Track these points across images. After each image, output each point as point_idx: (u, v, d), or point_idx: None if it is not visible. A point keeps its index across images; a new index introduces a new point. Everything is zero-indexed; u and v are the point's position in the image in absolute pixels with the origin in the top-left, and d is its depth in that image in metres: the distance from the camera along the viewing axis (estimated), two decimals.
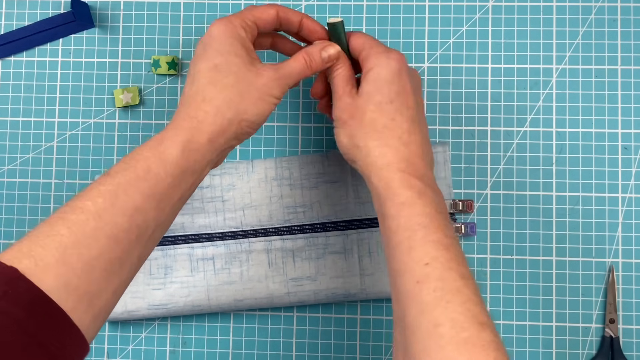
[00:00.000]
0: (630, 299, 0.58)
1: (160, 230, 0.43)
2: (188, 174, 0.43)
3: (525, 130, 0.59)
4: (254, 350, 0.59)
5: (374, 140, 0.45)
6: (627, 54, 0.59)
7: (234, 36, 0.45)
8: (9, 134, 0.62)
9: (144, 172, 0.41)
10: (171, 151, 0.42)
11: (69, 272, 0.37)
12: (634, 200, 0.58)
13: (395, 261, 0.42)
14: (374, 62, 0.46)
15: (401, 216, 0.43)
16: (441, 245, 0.41)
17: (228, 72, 0.45)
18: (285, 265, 0.58)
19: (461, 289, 0.40)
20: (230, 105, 0.44)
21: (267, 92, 0.45)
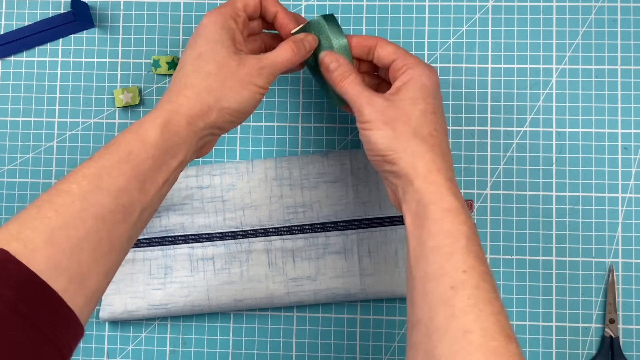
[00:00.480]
0: (630, 299, 0.58)
1: (148, 212, 0.43)
2: (169, 156, 0.43)
3: (525, 130, 0.59)
4: (254, 350, 0.59)
5: (423, 146, 0.45)
6: (627, 54, 0.59)
7: (223, 27, 0.47)
8: (9, 134, 0.62)
9: (125, 154, 0.42)
10: (151, 133, 0.43)
11: (58, 253, 0.37)
12: (634, 200, 0.58)
13: (429, 263, 0.42)
14: (417, 72, 0.47)
15: (445, 222, 0.43)
16: (479, 257, 0.42)
17: (211, 60, 0.46)
18: (285, 265, 0.58)
19: (493, 301, 0.40)
20: (211, 91, 0.45)
21: (249, 80, 0.46)
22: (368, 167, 0.58)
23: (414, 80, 0.47)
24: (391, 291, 0.57)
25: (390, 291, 0.57)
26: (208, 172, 0.58)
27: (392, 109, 0.46)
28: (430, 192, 0.44)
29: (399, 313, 0.59)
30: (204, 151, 0.49)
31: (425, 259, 0.43)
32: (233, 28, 0.48)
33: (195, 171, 0.58)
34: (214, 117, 0.45)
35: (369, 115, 0.47)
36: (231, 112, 0.46)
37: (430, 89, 0.47)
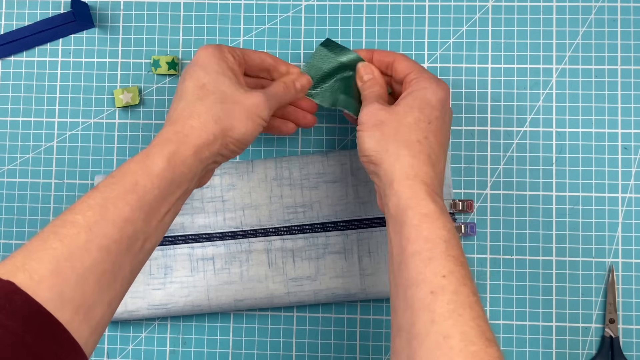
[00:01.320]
0: (630, 299, 0.58)
1: (150, 242, 0.43)
2: (174, 186, 0.44)
3: (525, 130, 0.59)
4: (254, 350, 0.59)
5: (405, 150, 0.46)
6: (627, 54, 0.59)
7: (222, 58, 0.48)
8: (9, 134, 0.62)
9: (131, 185, 0.42)
10: (157, 163, 0.43)
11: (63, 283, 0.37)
12: (634, 200, 0.58)
13: (408, 269, 0.42)
14: (423, 85, 0.49)
15: (423, 227, 0.43)
16: (458, 261, 0.42)
17: (216, 89, 0.47)
18: (285, 265, 0.58)
19: (473, 305, 0.40)
20: (217, 121, 0.45)
21: (256, 112, 0.47)
22: None
23: (417, 92, 0.49)
24: None
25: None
26: None
27: (384, 113, 0.48)
28: (408, 196, 0.44)
29: None
30: (204, 180, 0.49)
31: (406, 265, 0.43)
32: (231, 61, 0.49)
33: None
34: (218, 147, 0.45)
35: (362, 117, 0.49)
36: (234, 142, 0.46)
37: (431, 102, 0.48)
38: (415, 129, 0.47)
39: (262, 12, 0.61)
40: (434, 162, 0.46)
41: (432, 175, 0.46)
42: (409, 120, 0.47)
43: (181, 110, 0.46)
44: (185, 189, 0.45)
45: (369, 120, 0.48)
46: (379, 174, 0.47)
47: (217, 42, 0.61)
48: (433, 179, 0.46)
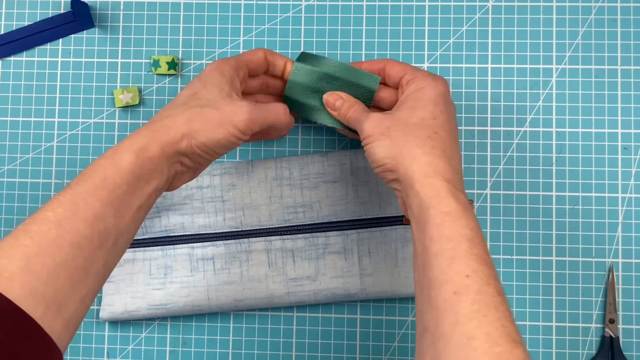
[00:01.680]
0: (630, 299, 0.58)
1: (123, 238, 0.43)
2: (143, 182, 0.44)
3: (525, 130, 0.59)
4: (254, 350, 0.59)
5: (419, 149, 0.46)
6: (627, 54, 0.59)
7: (222, 72, 0.49)
8: (9, 134, 0.62)
9: (100, 181, 0.42)
10: (125, 158, 0.43)
11: (34, 279, 0.37)
12: (634, 200, 0.58)
13: (432, 269, 0.42)
14: (421, 84, 0.49)
15: (445, 226, 0.43)
16: (482, 260, 0.42)
17: (203, 97, 0.47)
18: (285, 265, 0.58)
19: (498, 305, 0.40)
20: (188, 122, 0.46)
21: (232, 121, 0.46)
22: (368, 167, 0.58)
23: (416, 93, 0.49)
24: (391, 291, 0.57)
25: (390, 291, 0.57)
26: (208, 172, 0.58)
27: (388, 120, 0.48)
28: (429, 196, 0.44)
29: (399, 313, 0.59)
30: (174, 184, 0.48)
31: (429, 264, 0.42)
32: (232, 74, 0.49)
33: None
34: (184, 146, 0.45)
35: (367, 129, 0.48)
36: (200, 145, 0.46)
37: (432, 97, 0.48)
38: (423, 126, 0.47)
39: (262, 12, 0.61)
40: (449, 156, 0.46)
41: (451, 170, 0.45)
42: (414, 121, 0.47)
43: (163, 111, 0.47)
44: (155, 187, 0.45)
45: (375, 129, 0.48)
46: (398, 179, 0.47)
47: (217, 42, 0.61)
48: (452, 174, 0.45)
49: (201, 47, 0.61)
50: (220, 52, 0.61)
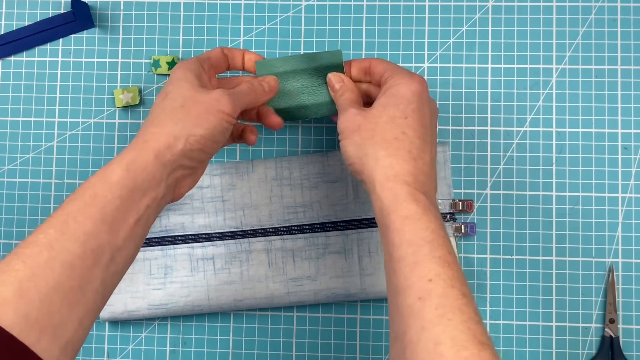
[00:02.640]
0: (630, 299, 0.58)
1: (122, 254, 0.42)
2: (138, 194, 0.42)
3: (525, 130, 0.59)
4: (254, 350, 0.59)
5: (383, 150, 0.45)
6: (627, 54, 0.59)
7: (188, 68, 0.48)
8: (9, 134, 0.62)
9: (90, 197, 0.41)
10: (115, 172, 0.42)
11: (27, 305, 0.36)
12: (634, 200, 0.58)
13: (396, 276, 0.42)
14: (397, 81, 0.48)
15: (405, 230, 0.42)
16: (445, 262, 0.41)
17: (177, 95, 0.46)
18: (285, 265, 0.58)
19: (462, 307, 0.39)
20: (177, 122, 0.45)
21: (216, 106, 0.46)
22: None
23: (391, 89, 0.48)
24: None
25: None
26: (208, 172, 0.58)
27: (360, 117, 0.47)
28: (389, 200, 0.44)
29: None
30: (178, 191, 0.47)
31: (394, 271, 0.42)
32: (198, 69, 0.49)
33: None
34: (182, 146, 0.44)
35: (340, 125, 0.48)
36: (199, 139, 0.45)
37: (405, 95, 0.47)
38: (392, 126, 0.46)
39: (262, 12, 0.61)
40: (415, 157, 0.45)
41: (414, 172, 0.45)
42: (384, 119, 0.46)
43: (146, 121, 0.46)
44: (154, 197, 0.43)
45: (347, 126, 0.48)
46: (363, 180, 0.47)
47: (217, 42, 0.61)
48: (416, 175, 0.45)
49: (201, 47, 0.61)
50: None
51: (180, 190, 0.47)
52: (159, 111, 0.46)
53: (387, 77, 0.49)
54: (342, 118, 0.49)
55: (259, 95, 0.51)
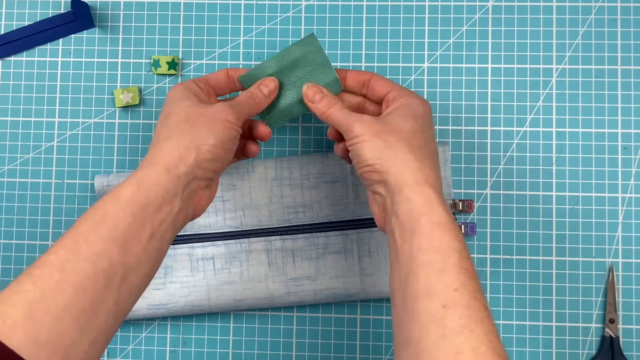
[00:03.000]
0: (630, 299, 0.58)
1: (136, 274, 0.42)
2: (152, 210, 0.42)
3: (525, 130, 0.59)
4: (254, 350, 0.59)
5: (412, 155, 0.45)
6: (627, 54, 0.59)
7: (185, 87, 0.49)
8: (9, 134, 0.62)
9: (101, 217, 0.41)
10: (126, 190, 0.42)
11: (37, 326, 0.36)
12: (634, 200, 0.58)
13: (418, 280, 0.41)
14: (409, 100, 0.49)
15: (435, 237, 0.42)
16: (470, 273, 0.41)
17: (180, 112, 0.46)
18: (285, 265, 0.58)
19: (484, 320, 0.40)
20: (184, 134, 0.45)
21: (221, 116, 0.46)
22: None
23: (406, 105, 0.48)
24: None
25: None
26: None
27: (380, 124, 0.47)
28: (419, 204, 0.43)
29: None
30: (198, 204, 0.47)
31: (415, 275, 0.42)
32: (196, 88, 0.49)
33: None
34: (194, 157, 0.44)
35: (358, 129, 0.47)
36: (210, 148, 0.45)
37: (421, 114, 0.48)
38: (415, 137, 0.46)
39: (262, 12, 0.61)
40: (434, 166, 0.46)
41: (439, 183, 0.45)
42: (407, 129, 0.47)
43: (152, 143, 0.46)
44: (168, 212, 0.43)
45: (367, 130, 0.47)
46: (386, 181, 0.45)
47: (217, 42, 0.61)
48: (440, 186, 0.45)
49: (201, 47, 0.61)
50: (220, 52, 0.61)
51: (199, 204, 0.47)
52: (164, 128, 0.46)
53: (396, 96, 0.50)
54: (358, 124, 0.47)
55: (259, 101, 0.51)
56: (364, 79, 0.52)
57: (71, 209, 0.61)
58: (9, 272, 0.61)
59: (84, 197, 0.61)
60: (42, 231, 0.61)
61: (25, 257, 0.61)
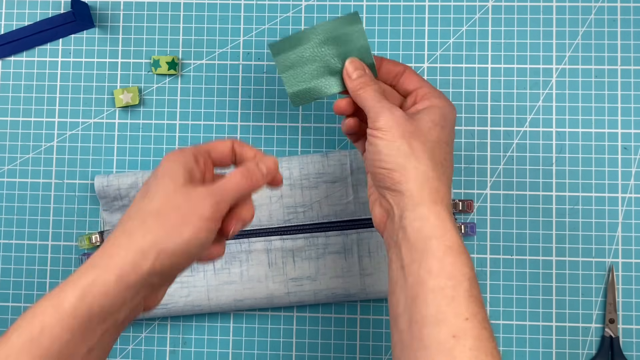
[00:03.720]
0: (630, 299, 0.58)
1: None
2: (94, 323, 0.37)
3: (525, 130, 0.59)
4: (254, 350, 0.59)
5: (433, 172, 0.43)
6: (627, 54, 0.59)
7: (179, 161, 0.41)
8: (9, 134, 0.62)
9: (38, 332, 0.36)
10: (69, 299, 0.37)
11: None
12: (634, 200, 0.58)
13: (427, 305, 0.40)
14: (440, 102, 0.46)
15: (447, 261, 0.40)
16: (479, 302, 0.40)
17: (156, 196, 0.40)
18: (285, 265, 0.58)
19: (493, 351, 0.39)
20: (147, 234, 0.38)
21: (194, 211, 0.39)
22: None
23: (437, 108, 0.46)
24: None
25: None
26: None
27: (411, 124, 0.44)
28: (433, 224, 0.41)
29: None
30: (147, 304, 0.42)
31: (424, 300, 0.40)
32: (190, 162, 0.42)
33: None
34: (150, 264, 0.38)
35: (386, 122, 0.44)
36: (170, 255, 0.38)
37: (449, 120, 0.46)
38: (439, 148, 0.44)
39: (262, 12, 0.61)
40: (449, 185, 0.44)
41: (451, 202, 0.44)
42: (434, 138, 0.44)
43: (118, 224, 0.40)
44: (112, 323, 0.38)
45: (395, 127, 0.44)
46: (400, 191, 0.43)
47: (217, 42, 0.61)
48: (450, 204, 0.44)
49: (201, 47, 0.61)
50: (220, 52, 0.61)
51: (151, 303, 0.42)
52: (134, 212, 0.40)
53: (427, 93, 0.47)
54: (388, 115, 0.44)
55: (255, 181, 0.43)
56: (398, 71, 0.49)
57: (71, 209, 0.61)
58: (9, 272, 0.61)
59: (84, 197, 0.61)
60: (42, 231, 0.61)
61: (25, 257, 0.61)
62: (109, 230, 0.59)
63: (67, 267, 0.60)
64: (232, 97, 0.61)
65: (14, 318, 0.60)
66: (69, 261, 0.61)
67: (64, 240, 0.61)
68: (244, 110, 0.61)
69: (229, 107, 0.61)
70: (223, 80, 0.61)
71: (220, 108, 0.61)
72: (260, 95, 0.61)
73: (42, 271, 0.61)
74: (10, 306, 0.61)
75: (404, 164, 0.43)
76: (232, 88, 0.61)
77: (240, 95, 0.61)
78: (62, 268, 0.61)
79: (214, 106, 0.61)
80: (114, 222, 0.59)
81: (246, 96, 0.61)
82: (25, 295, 0.61)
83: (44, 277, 0.61)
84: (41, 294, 0.60)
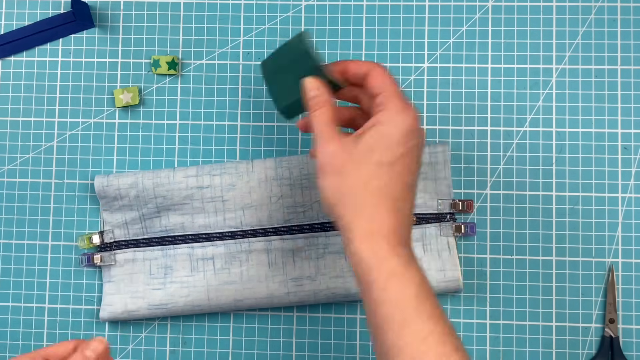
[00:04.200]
0: (630, 299, 0.58)
1: None
2: None
3: (525, 130, 0.59)
4: (254, 350, 0.59)
5: (366, 201, 0.43)
6: (627, 54, 0.59)
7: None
8: (9, 134, 0.62)
9: None
10: None
11: None
12: (634, 200, 0.58)
13: (385, 334, 0.41)
14: (387, 117, 0.44)
15: (390, 288, 0.41)
16: (434, 317, 0.41)
17: None
18: (285, 265, 0.58)
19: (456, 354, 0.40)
20: None
21: None
22: None
23: (379, 126, 0.44)
24: None
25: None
26: (208, 172, 0.58)
27: (345, 154, 0.43)
28: (368, 256, 0.42)
29: None
30: None
31: (381, 330, 0.41)
32: None
33: (195, 171, 0.58)
34: None
35: (321, 158, 0.44)
36: None
37: (394, 137, 0.43)
38: (376, 175, 0.43)
39: (262, 12, 0.61)
40: (397, 209, 0.43)
41: (395, 226, 0.43)
42: (369, 165, 0.43)
43: None
44: None
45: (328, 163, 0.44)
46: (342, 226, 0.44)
47: (217, 42, 0.61)
48: (396, 229, 0.43)
49: (201, 47, 0.61)
50: (220, 52, 0.61)
51: None
52: None
53: (379, 104, 0.45)
54: (322, 149, 0.44)
55: None
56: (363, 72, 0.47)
57: (71, 209, 0.61)
58: (9, 272, 0.61)
59: (84, 197, 0.61)
60: (42, 231, 0.61)
61: (25, 257, 0.61)
62: (109, 230, 0.59)
63: (67, 267, 0.60)
64: (232, 97, 0.61)
65: (14, 318, 0.60)
66: (69, 261, 0.61)
67: (64, 240, 0.61)
68: (244, 110, 0.61)
69: (229, 107, 0.61)
70: (223, 80, 0.61)
71: (220, 108, 0.61)
72: (260, 95, 0.61)
73: (42, 271, 0.61)
74: (10, 306, 0.61)
75: (337, 199, 0.44)
76: (232, 88, 0.61)
77: (240, 95, 0.61)
78: (62, 268, 0.61)
79: (214, 106, 0.61)
80: (114, 222, 0.59)
81: (246, 96, 0.61)
82: (25, 295, 0.61)
83: (44, 277, 0.61)
84: (41, 294, 0.60)
